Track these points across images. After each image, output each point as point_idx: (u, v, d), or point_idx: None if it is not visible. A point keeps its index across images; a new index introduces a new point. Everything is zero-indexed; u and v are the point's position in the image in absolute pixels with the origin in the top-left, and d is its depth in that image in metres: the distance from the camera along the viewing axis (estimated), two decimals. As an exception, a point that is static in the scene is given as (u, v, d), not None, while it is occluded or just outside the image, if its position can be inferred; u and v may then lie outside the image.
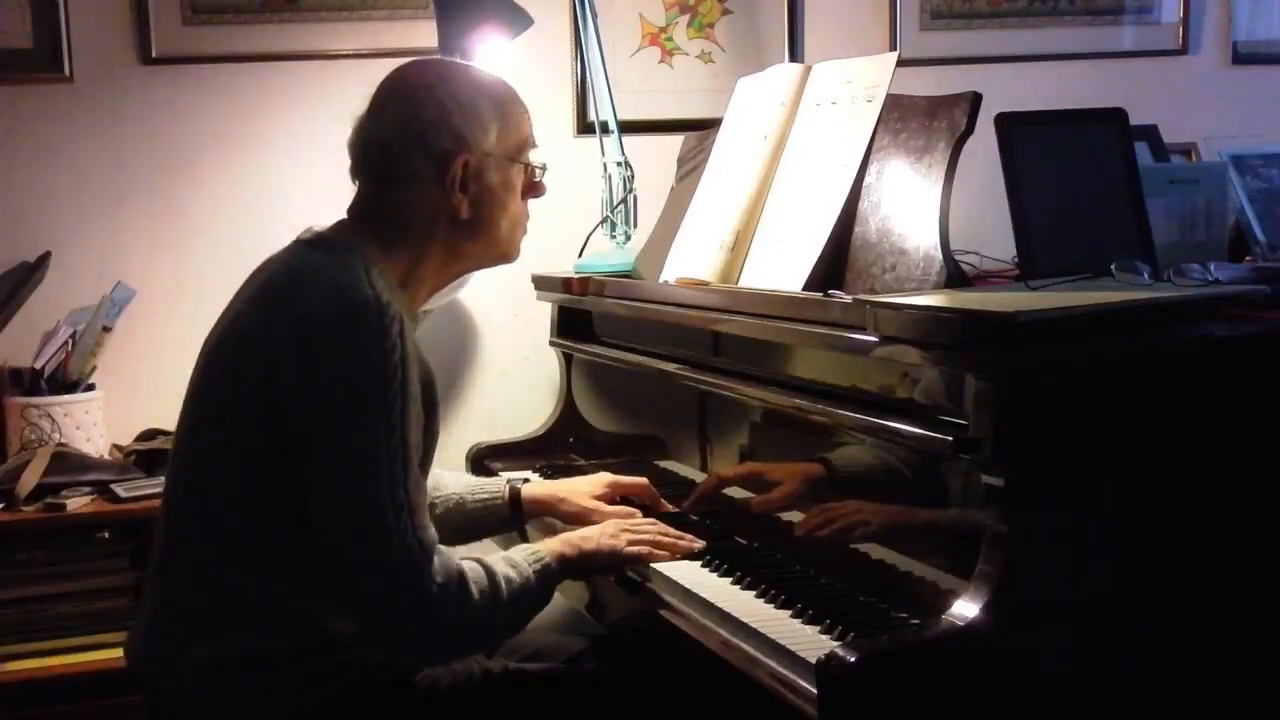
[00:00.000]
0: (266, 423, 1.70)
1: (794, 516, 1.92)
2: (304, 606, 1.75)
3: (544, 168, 1.95)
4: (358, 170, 1.87)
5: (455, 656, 1.84)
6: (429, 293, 1.92)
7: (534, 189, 1.95)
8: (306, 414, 1.68)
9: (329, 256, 1.78)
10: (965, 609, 1.44)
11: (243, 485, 1.74)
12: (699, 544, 1.94)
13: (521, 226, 1.95)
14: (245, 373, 1.73)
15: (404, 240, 1.84)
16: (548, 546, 1.87)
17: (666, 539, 1.95)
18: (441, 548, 1.74)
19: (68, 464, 2.56)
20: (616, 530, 1.95)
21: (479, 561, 1.77)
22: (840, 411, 1.75)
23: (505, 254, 1.94)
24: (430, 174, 1.82)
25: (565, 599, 2.42)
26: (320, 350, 1.69)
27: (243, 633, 1.74)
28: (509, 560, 1.80)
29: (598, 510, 2.09)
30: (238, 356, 1.76)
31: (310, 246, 1.83)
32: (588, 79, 2.97)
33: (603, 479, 2.17)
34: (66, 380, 2.64)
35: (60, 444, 2.59)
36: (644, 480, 2.17)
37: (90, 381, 2.67)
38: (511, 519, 2.16)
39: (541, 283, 2.74)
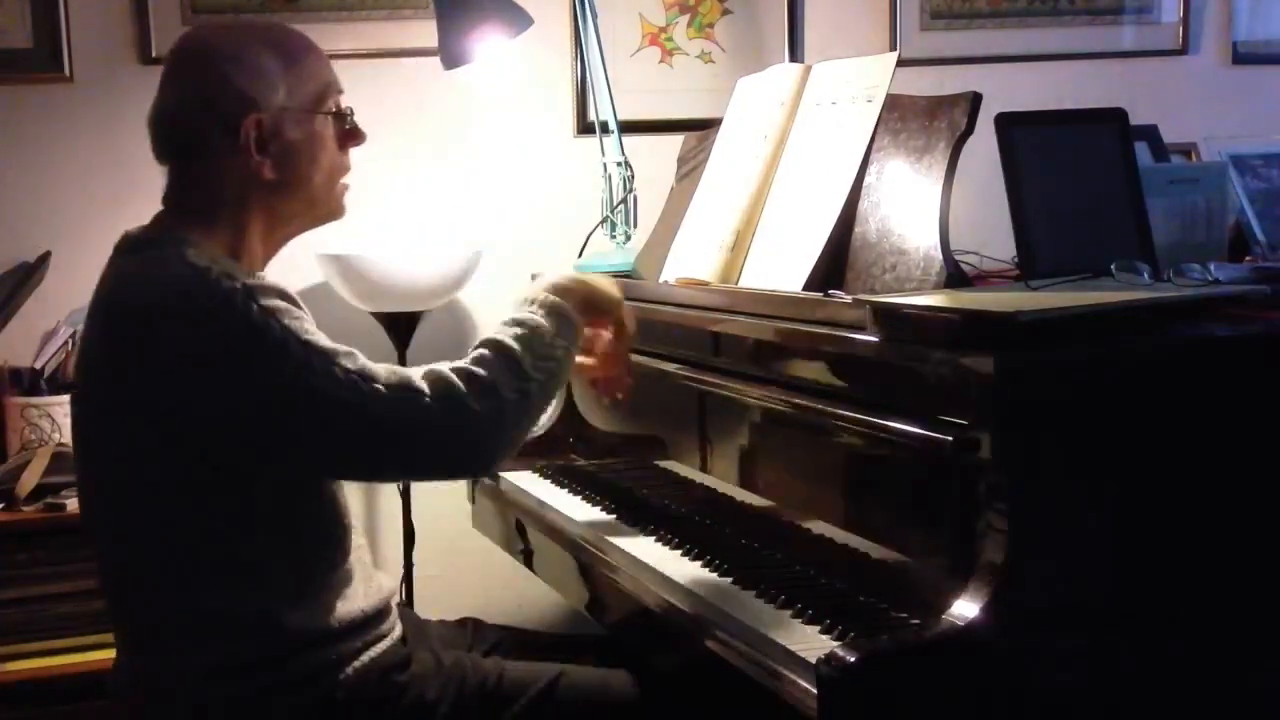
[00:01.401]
0: (157, 438, 1.66)
1: (794, 516, 1.92)
2: (253, 606, 1.71)
3: (352, 112, 1.85)
4: (158, 153, 1.81)
5: (519, 433, 1.76)
6: (264, 259, 1.84)
7: (351, 137, 1.85)
8: (205, 408, 1.64)
9: (142, 256, 1.73)
10: (965, 609, 1.44)
11: (150, 508, 1.70)
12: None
13: (339, 179, 1.86)
14: (109, 400, 1.70)
15: (219, 214, 1.77)
16: (539, 284, 1.84)
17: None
18: (421, 368, 1.70)
19: (68, 464, 2.55)
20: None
21: (483, 342, 1.74)
22: (840, 411, 1.75)
23: (330, 210, 1.86)
24: (224, 142, 1.74)
25: (565, 599, 2.42)
26: (169, 345, 1.64)
27: (203, 644, 1.71)
28: (510, 320, 1.78)
29: None
30: (98, 388, 1.72)
31: (125, 254, 1.78)
32: (588, 79, 2.97)
33: None
34: (66, 380, 2.64)
35: (60, 444, 2.59)
36: None
37: (90, 381, 2.67)
38: None
39: (541, 283, 2.73)
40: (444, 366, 1.71)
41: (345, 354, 1.66)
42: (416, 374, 1.69)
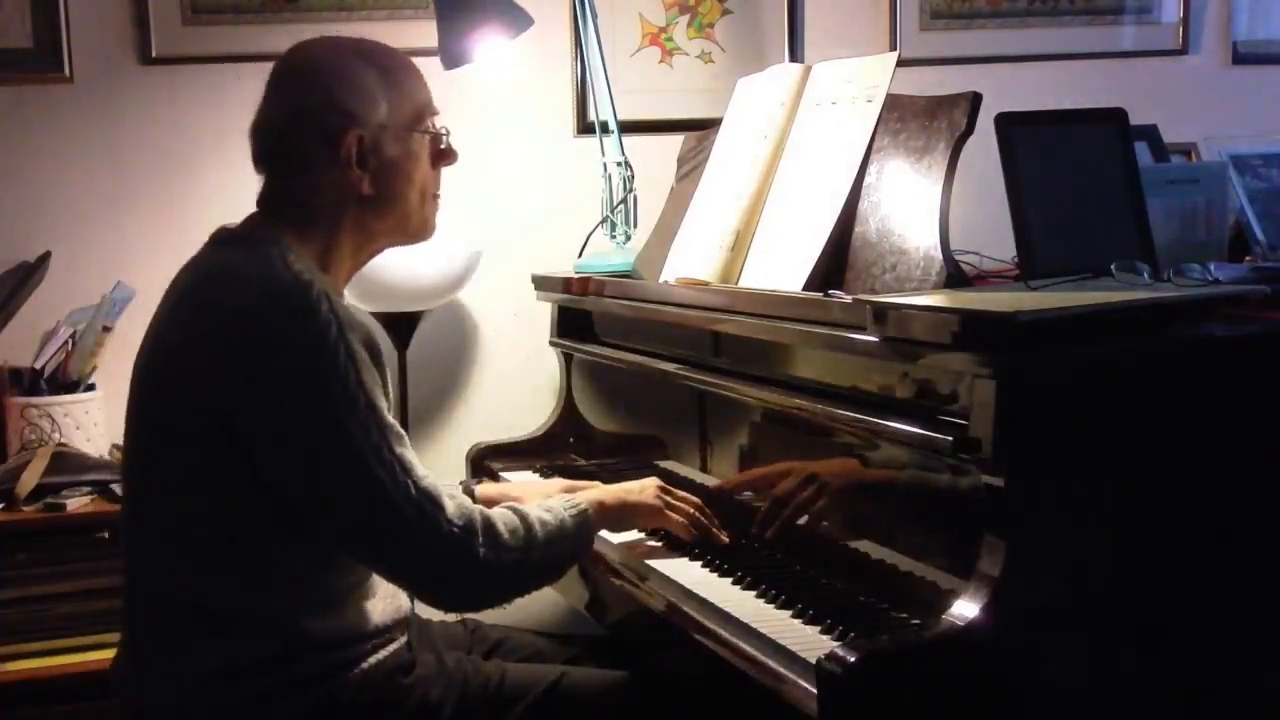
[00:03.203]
0: (211, 431, 1.68)
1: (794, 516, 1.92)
2: (273, 607, 1.73)
3: (448, 133, 1.91)
4: (257, 160, 1.84)
5: (499, 596, 1.82)
6: (350, 272, 1.89)
7: (444, 157, 1.91)
8: (260, 413, 1.67)
9: (242, 251, 1.76)
10: (965, 609, 1.44)
11: (196, 498, 1.72)
12: (725, 538, 1.96)
13: (434, 198, 1.91)
14: (180, 384, 1.71)
15: (313, 224, 1.81)
16: (586, 495, 1.90)
17: (702, 519, 1.96)
18: (456, 493, 1.75)
19: (68, 464, 2.56)
20: (658, 491, 1.97)
21: (510, 507, 1.79)
22: (840, 411, 1.75)
23: (420, 228, 1.90)
24: (324, 154, 1.79)
25: (565, 599, 2.42)
26: (255, 345, 1.67)
27: (216, 642, 1.72)
28: (544, 506, 1.83)
29: None
30: (170, 369, 1.74)
31: (222, 245, 1.81)
32: (588, 79, 2.97)
33: (560, 483, 2.17)
34: (66, 380, 2.64)
35: (60, 444, 2.59)
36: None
37: (90, 381, 2.67)
38: None
39: (541, 283, 2.74)
40: (470, 503, 1.76)
41: (397, 436, 1.70)
42: (447, 493, 1.73)
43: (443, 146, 1.90)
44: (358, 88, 1.80)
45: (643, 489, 1.97)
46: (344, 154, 1.79)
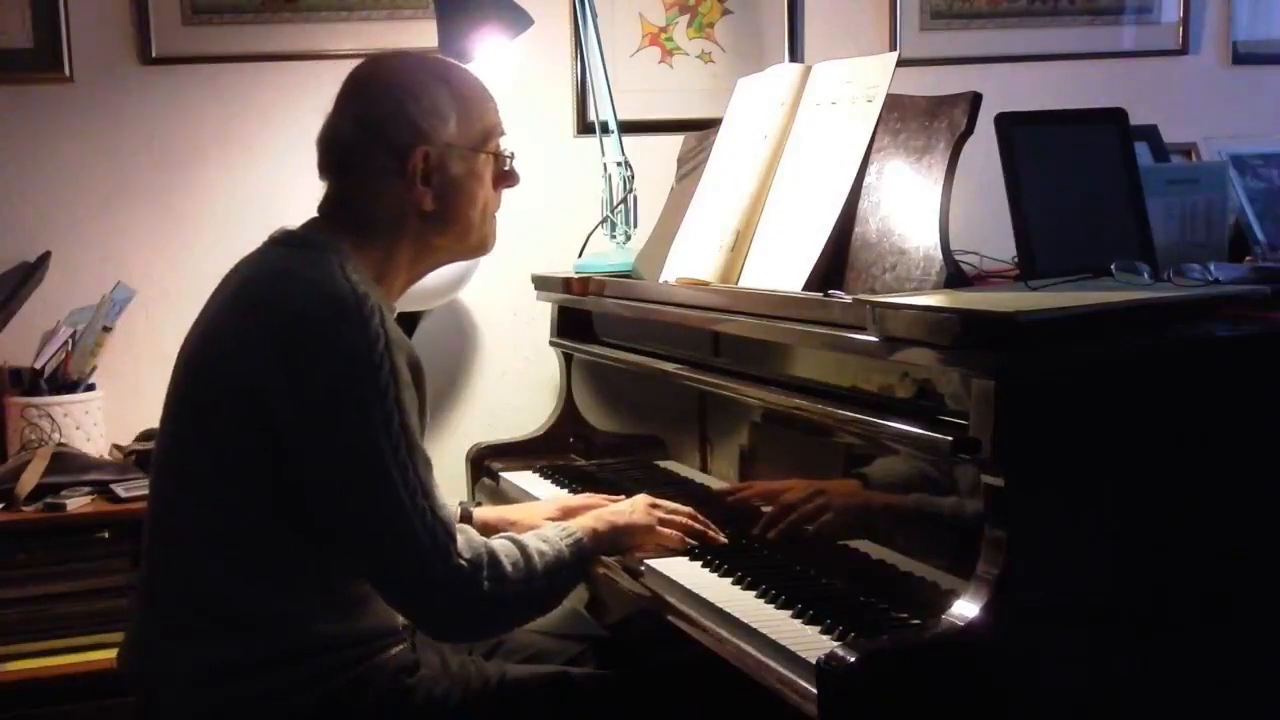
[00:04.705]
0: (250, 427, 1.70)
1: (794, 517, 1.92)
2: (290, 608, 1.74)
3: (512, 156, 1.94)
4: (323, 167, 1.86)
5: (498, 630, 1.87)
6: (404, 285, 1.91)
7: (506, 179, 1.93)
8: (299, 414, 1.68)
9: (301, 254, 1.77)
10: (965, 609, 1.44)
11: (226, 490, 1.73)
12: (723, 538, 1.96)
13: (493, 217, 1.93)
14: (226, 377, 1.72)
15: (373, 234, 1.83)
16: (579, 523, 1.90)
17: (697, 525, 1.96)
18: (465, 526, 1.76)
19: (68, 464, 2.56)
20: (648, 508, 1.97)
21: (509, 538, 1.79)
22: (840, 411, 1.75)
23: (478, 246, 1.93)
24: (391, 167, 1.81)
25: (565, 600, 2.42)
26: (304, 348, 1.69)
27: (229, 638, 1.72)
28: (540, 536, 1.83)
29: None
30: (217, 361, 1.75)
31: (281, 246, 1.82)
32: (588, 79, 2.97)
33: (558, 502, 2.17)
34: (66, 380, 2.64)
35: (60, 444, 2.59)
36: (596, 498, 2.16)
37: (90, 381, 2.67)
38: None
39: (541, 283, 2.74)
40: (478, 536, 1.77)
41: (424, 460, 1.72)
42: (457, 527, 1.74)
43: (506, 169, 1.93)
44: (428, 105, 1.82)
45: (633, 509, 1.97)
46: (410, 169, 1.81)
